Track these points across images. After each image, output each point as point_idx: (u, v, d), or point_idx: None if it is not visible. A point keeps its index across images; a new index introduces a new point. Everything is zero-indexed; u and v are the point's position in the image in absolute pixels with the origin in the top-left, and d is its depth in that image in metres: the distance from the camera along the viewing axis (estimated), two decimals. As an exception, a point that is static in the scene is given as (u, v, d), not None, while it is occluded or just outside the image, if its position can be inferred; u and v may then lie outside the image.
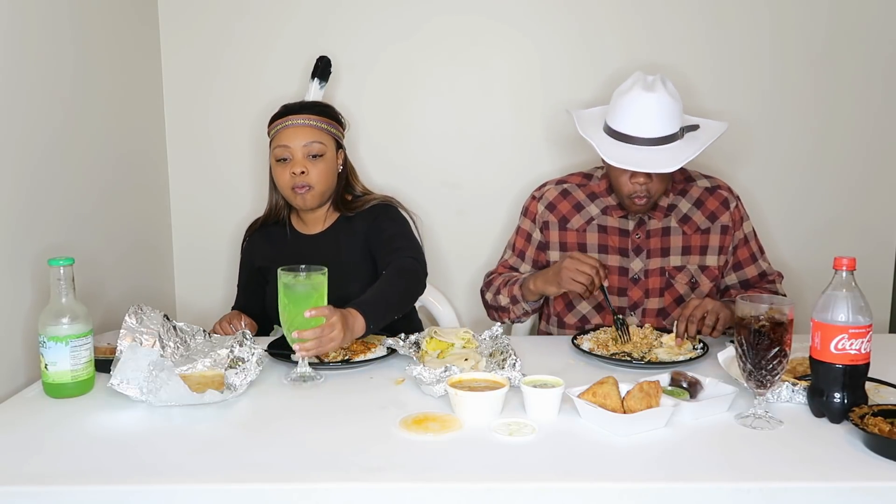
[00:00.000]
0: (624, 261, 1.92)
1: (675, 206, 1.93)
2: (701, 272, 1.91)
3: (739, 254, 1.95)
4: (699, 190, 1.95)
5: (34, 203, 1.66)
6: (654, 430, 1.26)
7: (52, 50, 1.74)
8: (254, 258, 2.02)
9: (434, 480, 1.11)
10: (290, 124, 1.86)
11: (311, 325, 1.46)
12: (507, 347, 1.59)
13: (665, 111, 1.76)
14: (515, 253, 2.04)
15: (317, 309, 1.47)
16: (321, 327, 1.46)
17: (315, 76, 2.17)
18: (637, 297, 1.92)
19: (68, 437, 1.27)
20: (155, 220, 2.36)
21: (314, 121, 1.87)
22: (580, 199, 1.98)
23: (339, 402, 1.42)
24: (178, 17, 2.35)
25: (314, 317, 1.46)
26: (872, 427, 1.18)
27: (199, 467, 1.15)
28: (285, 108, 1.92)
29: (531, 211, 2.02)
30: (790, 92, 2.40)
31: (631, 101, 1.77)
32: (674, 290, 1.91)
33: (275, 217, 2.00)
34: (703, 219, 1.93)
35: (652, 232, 1.92)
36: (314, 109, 1.90)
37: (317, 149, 1.85)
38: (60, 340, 1.41)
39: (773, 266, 2.00)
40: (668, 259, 1.91)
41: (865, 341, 1.26)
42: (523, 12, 2.36)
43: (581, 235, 1.95)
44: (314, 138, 1.85)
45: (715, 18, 2.36)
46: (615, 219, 1.94)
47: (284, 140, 1.85)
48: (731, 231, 1.93)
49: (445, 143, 2.43)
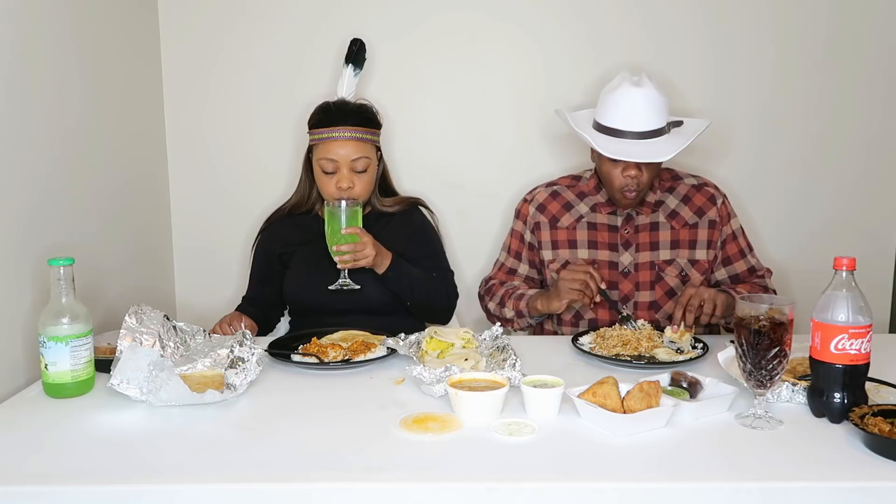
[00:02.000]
0: (613, 255, 1.96)
1: (663, 203, 1.98)
2: (691, 266, 1.95)
3: (728, 249, 1.99)
4: (686, 187, 2.01)
5: (34, 203, 1.66)
6: (654, 430, 1.26)
7: (52, 52, 1.74)
8: (273, 246, 2.05)
9: (434, 480, 1.11)
10: (338, 137, 1.90)
11: (348, 241, 1.80)
12: (507, 347, 1.59)
13: (652, 105, 1.82)
14: (511, 254, 2.09)
15: (351, 228, 1.80)
16: (356, 243, 1.79)
17: (349, 61, 2.12)
18: (628, 290, 1.95)
19: (68, 437, 1.27)
20: (155, 220, 2.36)
21: (360, 133, 1.92)
22: (569, 199, 2.03)
23: (339, 402, 1.42)
24: (178, 18, 2.35)
25: (349, 233, 1.79)
26: (872, 427, 1.18)
27: (199, 467, 1.15)
28: (329, 111, 1.94)
29: (522, 213, 2.07)
30: (790, 92, 2.40)
31: (620, 97, 1.83)
32: (664, 284, 1.94)
33: (308, 207, 2.06)
34: (690, 214, 1.97)
35: (640, 227, 1.96)
36: (359, 118, 1.94)
37: (363, 164, 1.93)
38: (60, 340, 1.41)
39: (762, 262, 2.03)
40: (657, 253, 1.95)
41: (865, 341, 1.26)
42: (524, 12, 2.36)
43: (571, 233, 1.99)
44: (361, 154, 1.92)
45: (716, 19, 2.36)
46: (604, 215, 1.98)
47: (331, 153, 1.91)
48: (718, 226, 1.97)
49: (446, 144, 2.44)
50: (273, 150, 2.41)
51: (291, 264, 2.02)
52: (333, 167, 1.91)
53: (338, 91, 2.06)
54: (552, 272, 2.01)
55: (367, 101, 2.03)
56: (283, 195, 2.16)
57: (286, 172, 2.36)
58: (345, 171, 1.91)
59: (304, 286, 1.98)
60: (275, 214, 2.10)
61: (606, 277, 1.95)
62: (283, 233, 2.06)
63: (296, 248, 2.02)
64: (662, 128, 1.84)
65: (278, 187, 2.33)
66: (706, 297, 1.75)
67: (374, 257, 1.82)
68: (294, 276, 2.01)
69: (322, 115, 1.96)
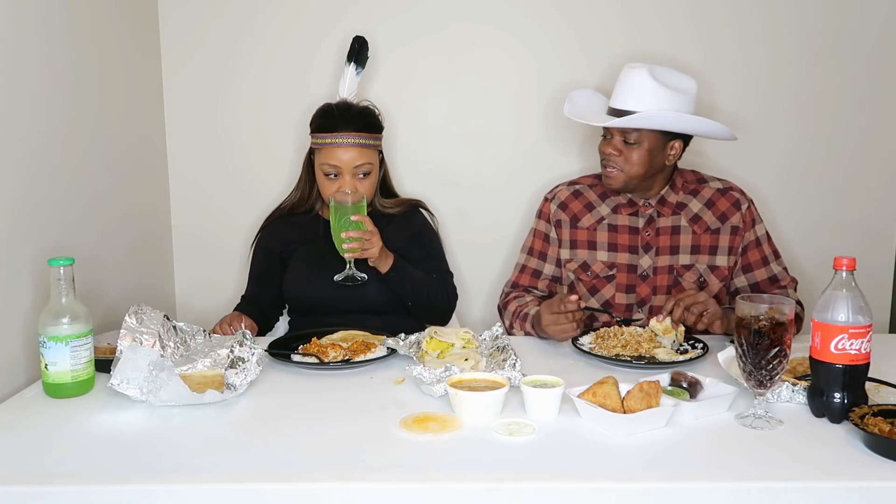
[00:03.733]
0: (633, 258, 1.94)
1: (686, 206, 1.95)
2: (710, 272, 1.92)
3: (749, 256, 1.94)
4: (711, 191, 1.96)
5: (34, 203, 1.66)
6: (654, 430, 1.26)
7: (49, 48, 1.74)
8: (273, 244, 2.05)
9: (434, 480, 1.11)
10: (341, 143, 1.89)
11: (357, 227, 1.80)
12: (507, 347, 1.59)
13: (646, 87, 1.81)
14: (535, 255, 2.04)
15: (359, 216, 1.81)
16: (364, 231, 1.80)
17: (351, 59, 2.10)
18: (645, 293, 1.93)
19: (68, 438, 1.27)
20: (155, 220, 2.36)
21: (363, 139, 1.90)
22: (591, 199, 2.00)
23: (339, 402, 1.42)
24: (177, 12, 2.34)
25: (358, 220, 1.80)
26: (872, 427, 1.18)
27: (199, 467, 1.15)
28: (332, 116, 1.92)
29: (545, 212, 2.04)
30: (789, 89, 2.40)
31: (620, 77, 1.87)
32: (681, 289, 1.89)
33: (307, 206, 2.05)
34: (713, 219, 1.93)
35: (661, 230, 1.94)
36: (361, 122, 1.92)
37: (366, 170, 1.92)
38: (60, 340, 1.41)
39: (789, 272, 1.97)
40: (676, 257, 1.93)
41: (865, 341, 1.26)
42: (519, 15, 2.36)
43: (591, 234, 1.97)
44: (364, 160, 1.90)
45: (710, 16, 2.35)
46: (625, 216, 1.96)
47: (333, 159, 1.89)
48: (741, 232, 1.93)
49: (446, 143, 2.44)
50: (273, 150, 2.41)
51: (291, 263, 2.02)
52: (336, 171, 1.91)
53: (339, 90, 2.06)
54: (569, 271, 1.98)
55: (369, 103, 2.01)
56: (283, 195, 2.16)
57: (286, 172, 2.36)
58: (347, 177, 1.90)
59: (305, 284, 1.98)
60: (274, 213, 2.10)
61: (625, 281, 1.93)
62: (283, 231, 2.06)
63: (296, 246, 2.02)
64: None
65: (278, 187, 2.33)
66: (701, 300, 1.71)
67: (379, 251, 1.83)
68: (294, 274, 2.01)
69: (324, 119, 1.94)
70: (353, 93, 2.05)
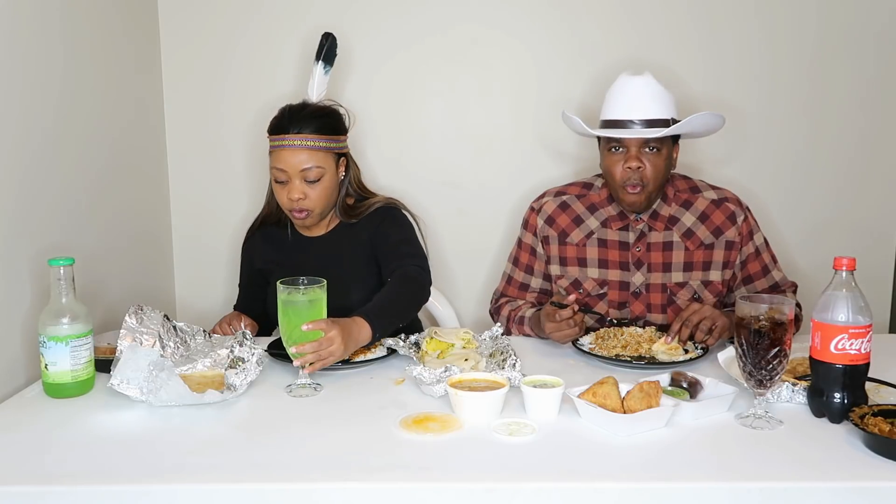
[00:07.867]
0: (625, 275, 1.89)
1: (678, 220, 1.88)
2: (704, 287, 1.87)
3: (750, 268, 1.90)
4: (705, 202, 1.89)
5: (34, 203, 1.66)
6: (654, 430, 1.26)
7: (49, 45, 1.74)
8: (253, 259, 2.01)
9: (434, 480, 1.11)
10: (287, 145, 1.76)
11: (309, 338, 1.44)
12: (507, 347, 1.59)
13: (652, 93, 1.78)
14: (522, 269, 2.00)
15: (314, 322, 1.44)
16: (319, 341, 1.44)
17: (319, 58, 1.97)
18: (639, 311, 1.89)
19: (68, 438, 1.27)
20: (155, 220, 2.36)
21: (311, 141, 1.77)
22: (579, 213, 1.94)
23: (339, 403, 1.42)
24: (177, 13, 2.34)
25: (311, 330, 1.43)
26: (872, 427, 1.18)
27: (199, 467, 1.15)
28: (283, 118, 1.82)
29: (531, 224, 1.98)
30: (787, 88, 2.39)
31: (620, 88, 1.82)
32: (676, 307, 1.86)
33: (275, 218, 1.97)
34: (707, 234, 1.87)
35: (653, 245, 1.88)
36: (313, 124, 1.79)
37: (314, 174, 1.78)
38: (60, 340, 1.41)
39: (787, 276, 1.96)
40: (669, 275, 1.87)
41: (865, 341, 1.26)
42: (518, 16, 2.36)
43: (581, 250, 1.92)
44: (312, 163, 1.77)
45: (710, 18, 2.35)
46: (615, 231, 1.89)
47: (280, 163, 1.78)
48: (737, 246, 1.87)
49: (445, 144, 2.43)
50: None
51: (271, 283, 1.87)
52: (285, 177, 1.78)
53: (308, 90, 1.95)
54: (560, 288, 1.93)
55: (334, 103, 1.89)
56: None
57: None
58: (296, 182, 1.77)
59: None
60: (252, 226, 2.03)
61: (617, 298, 1.89)
62: (261, 247, 1.98)
63: (272, 266, 1.93)
64: (667, 119, 1.77)
65: (278, 187, 2.33)
66: (707, 315, 1.67)
67: (342, 351, 1.48)
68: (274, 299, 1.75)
69: (276, 120, 1.83)
70: (322, 92, 1.95)
